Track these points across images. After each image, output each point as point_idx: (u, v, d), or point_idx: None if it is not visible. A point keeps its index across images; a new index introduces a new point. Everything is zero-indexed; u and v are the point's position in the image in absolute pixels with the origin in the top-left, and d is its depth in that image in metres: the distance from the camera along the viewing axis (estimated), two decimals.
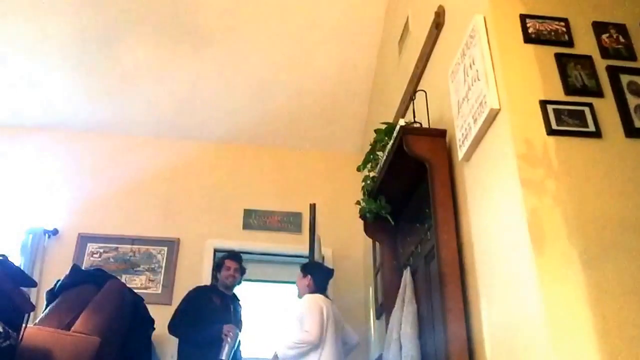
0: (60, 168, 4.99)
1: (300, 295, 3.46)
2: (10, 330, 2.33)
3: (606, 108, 2.11)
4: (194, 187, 5.07)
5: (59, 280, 3.36)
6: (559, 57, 2.20)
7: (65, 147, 5.10)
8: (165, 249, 4.72)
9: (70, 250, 4.61)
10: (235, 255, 4.03)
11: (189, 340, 3.63)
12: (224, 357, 3.45)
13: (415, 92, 3.18)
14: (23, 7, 4.29)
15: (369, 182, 3.38)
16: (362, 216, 3.45)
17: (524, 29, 2.25)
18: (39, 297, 3.90)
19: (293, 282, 4.65)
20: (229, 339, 3.50)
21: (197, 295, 3.84)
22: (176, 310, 3.77)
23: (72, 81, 4.81)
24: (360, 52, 4.75)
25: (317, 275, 3.47)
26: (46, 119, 5.08)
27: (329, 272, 3.62)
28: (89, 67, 4.71)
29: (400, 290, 2.97)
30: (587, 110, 2.09)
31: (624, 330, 1.70)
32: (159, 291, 4.52)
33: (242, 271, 4.00)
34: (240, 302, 4.04)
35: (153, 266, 4.65)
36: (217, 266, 4.03)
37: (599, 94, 2.14)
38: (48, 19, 4.38)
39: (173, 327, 3.70)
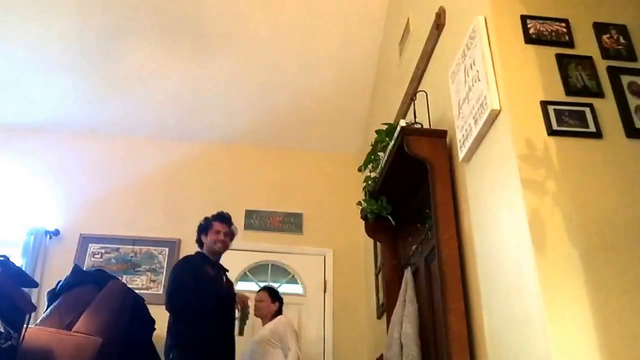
0: (61, 168, 4.99)
1: (260, 316, 3.78)
2: (11, 331, 2.34)
3: (607, 109, 2.12)
4: (195, 187, 5.07)
5: (60, 281, 3.37)
6: (559, 57, 2.21)
7: (67, 148, 5.10)
8: (167, 249, 4.72)
9: (71, 250, 4.61)
10: (224, 217, 3.47)
11: (195, 314, 3.07)
12: (239, 332, 3.26)
13: (415, 92, 3.18)
14: (24, 8, 4.30)
15: (370, 182, 3.38)
16: (363, 217, 3.45)
17: (525, 29, 2.26)
18: (40, 297, 3.90)
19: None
20: (240, 311, 3.28)
21: (193, 266, 3.24)
22: (175, 283, 3.16)
23: (74, 81, 4.81)
24: (361, 53, 4.75)
25: (281, 302, 3.86)
26: (48, 119, 5.08)
27: None
28: (90, 67, 4.72)
29: (401, 290, 2.97)
30: (587, 110, 2.09)
31: (624, 330, 1.70)
32: (160, 291, 4.51)
33: (232, 236, 3.47)
34: (228, 274, 3.56)
35: (154, 266, 4.65)
36: (203, 228, 3.46)
37: (599, 94, 2.15)
38: (49, 20, 4.39)
39: (176, 300, 3.10)
